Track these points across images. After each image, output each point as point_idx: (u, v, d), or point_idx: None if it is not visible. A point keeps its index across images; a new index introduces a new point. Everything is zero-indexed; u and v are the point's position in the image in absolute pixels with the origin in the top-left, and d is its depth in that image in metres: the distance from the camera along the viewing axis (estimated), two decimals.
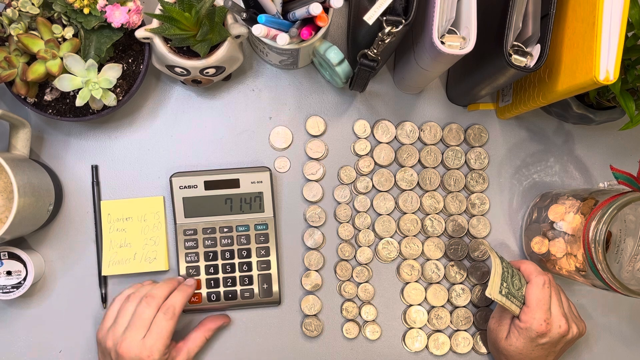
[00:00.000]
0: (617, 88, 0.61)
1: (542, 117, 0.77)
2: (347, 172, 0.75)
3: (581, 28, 0.56)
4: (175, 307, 0.64)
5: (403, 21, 0.55)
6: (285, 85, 0.75)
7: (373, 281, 0.75)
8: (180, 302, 0.65)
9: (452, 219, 0.76)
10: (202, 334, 0.69)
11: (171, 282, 0.68)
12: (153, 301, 0.64)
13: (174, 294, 0.66)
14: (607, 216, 0.61)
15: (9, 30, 0.61)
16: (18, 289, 0.69)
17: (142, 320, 0.63)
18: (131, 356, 0.62)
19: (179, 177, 0.70)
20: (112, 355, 0.64)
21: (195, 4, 0.58)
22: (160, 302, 0.64)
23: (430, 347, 0.75)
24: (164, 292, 0.65)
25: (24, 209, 0.62)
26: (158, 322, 0.63)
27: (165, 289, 0.66)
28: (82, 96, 0.61)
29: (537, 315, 0.65)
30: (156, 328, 0.63)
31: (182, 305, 0.65)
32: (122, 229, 0.72)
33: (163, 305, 0.64)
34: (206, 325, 0.70)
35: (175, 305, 0.65)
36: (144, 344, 0.62)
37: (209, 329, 0.70)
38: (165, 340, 0.63)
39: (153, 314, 0.63)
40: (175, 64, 0.64)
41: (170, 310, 0.64)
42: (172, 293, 0.66)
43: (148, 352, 0.62)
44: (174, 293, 0.66)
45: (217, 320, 0.71)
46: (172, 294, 0.66)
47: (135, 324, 0.63)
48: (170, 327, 0.64)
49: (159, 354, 0.62)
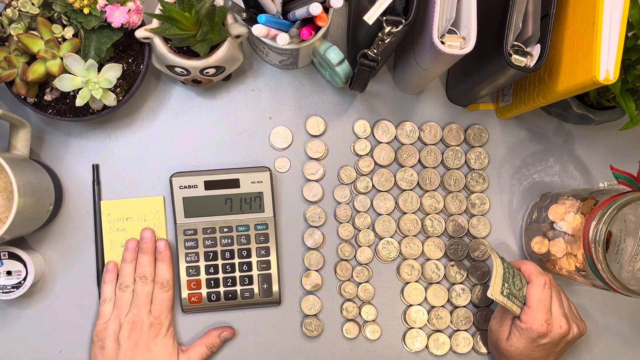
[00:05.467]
0: (617, 88, 0.61)
1: (542, 117, 0.77)
2: (347, 172, 0.75)
3: (581, 28, 0.56)
4: (167, 279, 0.70)
5: (403, 21, 0.55)
6: (285, 85, 0.75)
7: (373, 281, 0.75)
8: (169, 271, 0.71)
9: (452, 219, 0.76)
10: (203, 343, 0.71)
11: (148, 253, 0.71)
12: (147, 279, 0.70)
13: (159, 267, 0.71)
14: (607, 216, 0.61)
15: (9, 30, 0.61)
16: (18, 289, 0.69)
17: (143, 296, 0.69)
18: (143, 328, 0.68)
19: (179, 177, 0.70)
20: (121, 335, 0.68)
21: (195, 4, 0.58)
22: (153, 277, 0.70)
23: (430, 347, 0.75)
24: (150, 267, 0.70)
25: (24, 209, 0.62)
26: (158, 296, 0.70)
27: (149, 263, 0.70)
28: (82, 96, 0.61)
29: (538, 315, 0.65)
30: (158, 302, 0.70)
31: (171, 272, 0.71)
32: (122, 228, 0.72)
33: (156, 281, 0.70)
34: (209, 334, 0.72)
35: (166, 277, 0.70)
36: (152, 315, 0.69)
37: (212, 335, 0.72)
38: (169, 310, 0.70)
39: (151, 289, 0.70)
40: (175, 64, 0.64)
41: (165, 282, 0.70)
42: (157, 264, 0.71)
43: (157, 321, 0.69)
44: (158, 266, 0.71)
45: (220, 329, 0.72)
46: (158, 267, 0.71)
47: (139, 300, 0.69)
48: (170, 296, 0.71)
49: (167, 320, 0.70)
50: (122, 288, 0.70)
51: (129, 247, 0.71)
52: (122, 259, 0.71)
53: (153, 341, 0.69)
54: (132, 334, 0.68)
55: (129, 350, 0.68)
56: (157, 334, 0.69)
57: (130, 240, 0.71)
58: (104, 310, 0.70)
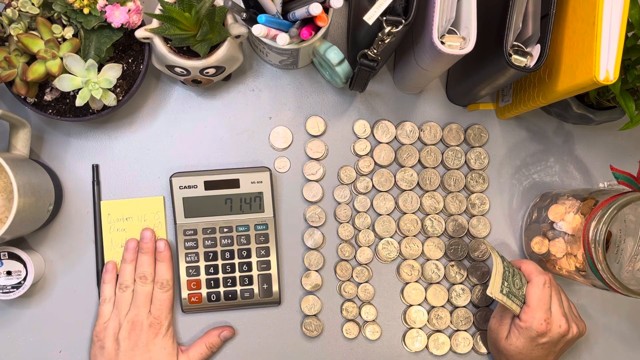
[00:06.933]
0: (617, 88, 0.61)
1: (542, 117, 0.77)
2: (347, 172, 0.75)
3: (581, 28, 0.56)
4: (167, 279, 0.70)
5: (403, 21, 0.55)
6: (285, 85, 0.75)
7: (373, 281, 0.75)
8: (169, 271, 0.71)
9: (452, 219, 0.76)
10: (203, 342, 0.71)
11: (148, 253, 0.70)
12: (147, 279, 0.70)
13: (159, 267, 0.70)
14: (607, 216, 0.61)
15: (9, 30, 0.61)
16: (18, 289, 0.69)
17: (143, 296, 0.69)
18: (143, 328, 0.68)
19: (179, 177, 0.70)
20: (121, 335, 0.68)
21: (195, 4, 0.58)
22: (153, 277, 0.70)
23: (430, 347, 0.75)
24: (150, 267, 0.70)
25: (24, 209, 0.62)
26: (158, 296, 0.70)
27: (149, 263, 0.70)
28: (82, 96, 0.61)
29: (538, 314, 0.65)
30: (157, 302, 0.70)
31: (171, 272, 0.71)
32: (122, 229, 0.72)
33: (156, 281, 0.70)
34: (209, 333, 0.72)
35: (166, 277, 0.70)
36: (152, 315, 0.69)
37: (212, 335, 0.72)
38: (169, 310, 0.70)
39: (151, 289, 0.70)
40: (175, 64, 0.64)
41: (165, 283, 0.70)
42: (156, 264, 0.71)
43: (157, 321, 0.69)
44: (158, 266, 0.70)
45: (220, 329, 0.72)
46: (158, 267, 0.70)
47: (139, 300, 0.69)
48: (170, 296, 0.71)
49: (167, 320, 0.70)
50: (122, 288, 0.70)
51: (129, 247, 0.71)
52: (122, 259, 0.71)
53: (152, 341, 0.69)
54: (132, 333, 0.68)
55: (129, 350, 0.68)
56: (157, 334, 0.69)
57: (131, 240, 0.71)
58: (103, 310, 0.70)
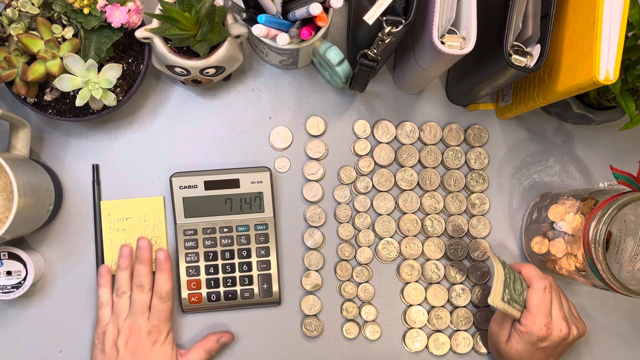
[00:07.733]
0: (617, 88, 0.61)
1: (542, 117, 0.77)
2: (347, 172, 0.75)
3: (581, 28, 0.56)
4: (166, 290, 0.69)
5: (403, 21, 0.55)
6: (285, 85, 0.75)
7: (373, 281, 0.75)
8: (168, 282, 0.69)
9: (452, 219, 0.76)
10: (202, 347, 0.71)
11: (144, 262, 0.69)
12: (144, 288, 0.69)
13: (158, 276, 0.69)
14: (607, 216, 0.61)
15: (9, 30, 0.61)
16: (18, 289, 0.69)
17: (140, 305, 0.68)
18: (141, 335, 0.67)
19: (179, 177, 0.70)
20: (119, 341, 0.67)
21: (195, 4, 0.58)
22: (150, 286, 0.69)
23: (430, 347, 0.75)
24: (147, 277, 0.69)
25: (24, 209, 0.62)
26: (157, 307, 0.69)
27: (146, 273, 0.69)
28: (82, 96, 0.61)
29: (538, 319, 0.65)
30: (156, 312, 0.68)
31: (171, 284, 0.69)
32: (122, 229, 0.72)
33: (155, 291, 0.69)
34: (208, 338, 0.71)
35: (166, 288, 0.69)
36: (150, 323, 0.68)
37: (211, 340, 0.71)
38: (168, 319, 0.69)
39: (149, 298, 0.69)
40: (175, 64, 0.64)
41: (164, 294, 0.69)
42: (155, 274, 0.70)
43: (156, 329, 0.68)
44: (158, 276, 0.69)
45: (218, 334, 0.72)
46: (158, 278, 0.69)
47: (136, 309, 0.68)
48: (169, 306, 0.69)
49: (166, 328, 0.69)
50: (119, 294, 0.69)
51: (124, 254, 0.69)
52: (117, 265, 0.70)
53: (151, 349, 0.68)
54: (130, 341, 0.67)
55: (127, 356, 0.67)
56: (156, 342, 0.68)
57: (125, 247, 0.70)
58: (102, 314, 0.69)
